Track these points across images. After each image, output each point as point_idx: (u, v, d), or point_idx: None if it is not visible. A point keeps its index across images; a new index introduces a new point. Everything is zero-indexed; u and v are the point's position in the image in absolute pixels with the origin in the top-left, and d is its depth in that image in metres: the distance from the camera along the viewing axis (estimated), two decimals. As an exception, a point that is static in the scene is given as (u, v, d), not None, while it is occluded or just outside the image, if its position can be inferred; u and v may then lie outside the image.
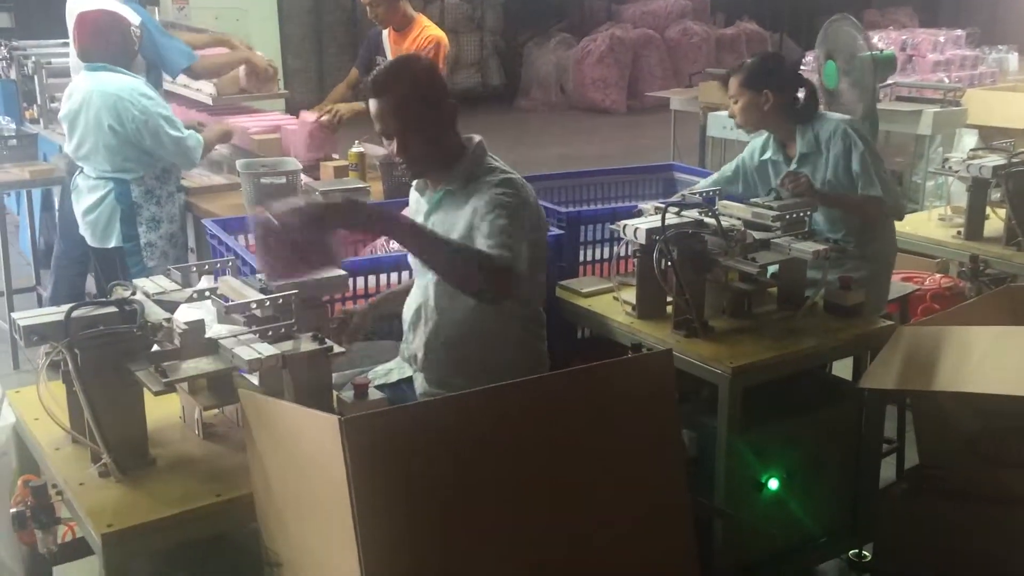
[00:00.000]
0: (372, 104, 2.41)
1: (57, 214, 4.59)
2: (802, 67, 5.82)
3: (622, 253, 3.03)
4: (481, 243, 2.28)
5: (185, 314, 2.07)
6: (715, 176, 3.60)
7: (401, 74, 2.41)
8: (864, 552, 3.05)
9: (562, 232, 3.19)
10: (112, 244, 3.87)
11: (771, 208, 2.89)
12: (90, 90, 3.75)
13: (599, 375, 1.76)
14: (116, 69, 3.81)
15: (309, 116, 4.57)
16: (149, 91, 3.85)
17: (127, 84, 3.78)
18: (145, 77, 4.01)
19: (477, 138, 2.52)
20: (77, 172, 3.92)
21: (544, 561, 1.65)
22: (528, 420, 1.65)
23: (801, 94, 3.34)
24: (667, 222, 2.68)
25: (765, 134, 3.45)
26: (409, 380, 2.64)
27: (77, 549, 2.22)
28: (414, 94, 2.37)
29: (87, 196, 3.87)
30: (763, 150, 3.45)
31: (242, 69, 4.71)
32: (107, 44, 3.79)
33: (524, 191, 2.44)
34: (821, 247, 2.74)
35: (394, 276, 2.85)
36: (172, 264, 2.53)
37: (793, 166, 3.30)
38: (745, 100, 3.31)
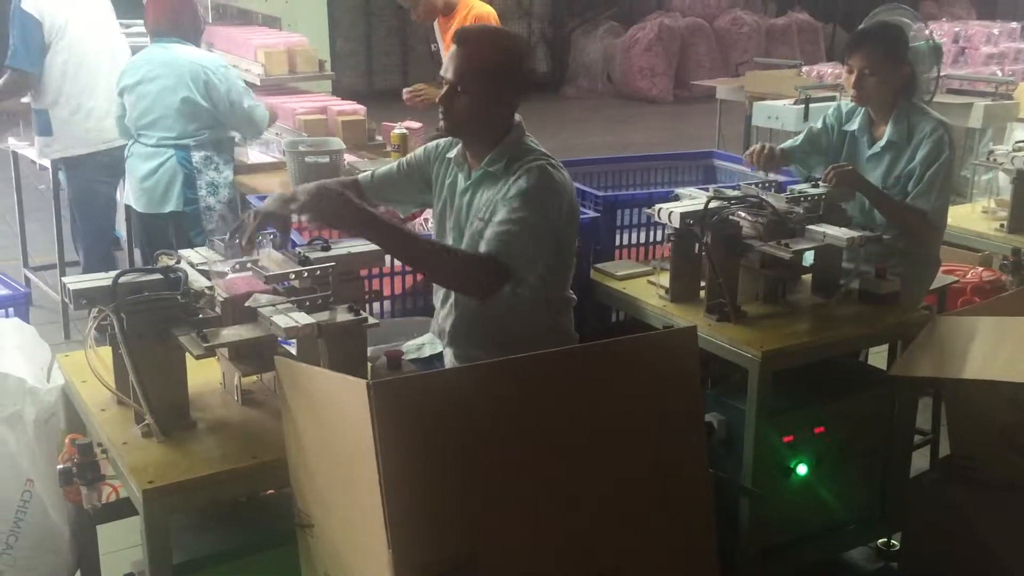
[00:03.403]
0: (451, 50, 2.51)
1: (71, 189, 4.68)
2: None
3: (658, 237, 3.05)
4: (489, 230, 2.39)
5: (229, 284, 2.14)
6: (803, 135, 3.39)
7: (487, 36, 2.57)
8: (893, 541, 3.05)
9: (598, 215, 3.22)
10: (168, 209, 3.94)
11: (808, 196, 2.89)
12: (169, 60, 3.90)
13: (622, 349, 1.79)
14: (187, 43, 3.99)
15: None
16: (227, 63, 4.09)
17: (207, 55, 4.09)
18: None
19: (517, 118, 2.57)
20: (132, 142, 4.01)
21: (563, 528, 1.69)
22: (552, 391, 1.69)
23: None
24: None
25: (839, 101, 3.29)
26: (440, 355, 2.68)
27: (119, 509, 2.31)
28: (486, 59, 2.46)
29: (144, 163, 3.95)
30: (847, 119, 3.29)
31: None
32: (180, 20, 4.00)
33: (552, 180, 2.46)
34: (856, 234, 2.73)
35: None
36: (230, 229, 2.60)
37: (876, 150, 3.19)
38: (886, 73, 3.09)
